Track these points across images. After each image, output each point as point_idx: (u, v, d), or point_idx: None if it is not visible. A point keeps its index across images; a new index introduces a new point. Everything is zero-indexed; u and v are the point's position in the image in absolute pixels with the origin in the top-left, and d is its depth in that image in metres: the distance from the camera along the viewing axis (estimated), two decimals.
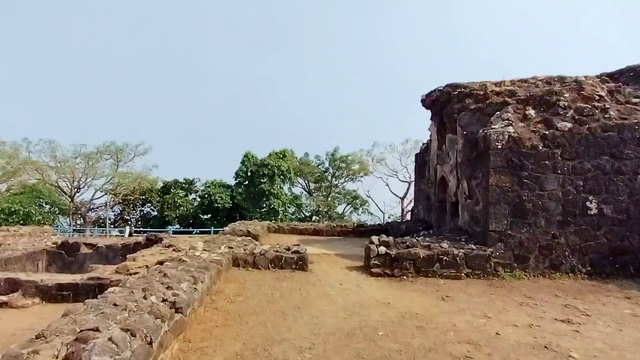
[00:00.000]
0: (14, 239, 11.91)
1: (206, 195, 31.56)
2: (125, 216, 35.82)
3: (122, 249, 11.87)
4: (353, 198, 39.29)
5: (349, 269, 8.25)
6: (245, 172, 31.40)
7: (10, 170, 32.60)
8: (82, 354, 2.83)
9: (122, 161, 35.60)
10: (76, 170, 33.18)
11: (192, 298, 4.60)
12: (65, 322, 3.49)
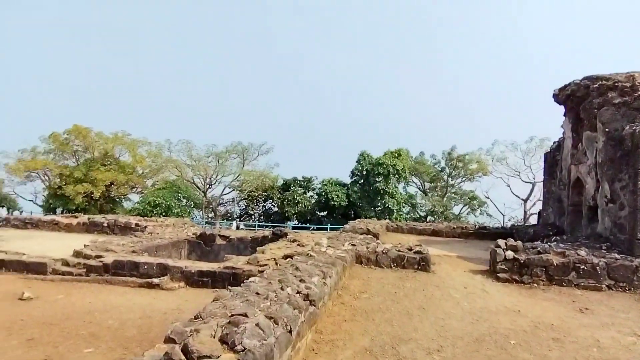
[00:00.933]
0: (162, 229, 13.83)
1: (323, 193, 32.79)
2: (250, 211, 39.04)
3: (251, 242, 13.00)
4: (470, 199, 37.67)
5: (473, 273, 8.09)
6: (360, 171, 31.96)
7: (155, 168, 37.98)
8: (235, 336, 3.17)
9: (248, 160, 38.90)
10: (208, 168, 37.23)
11: (323, 292, 4.83)
12: (217, 306, 3.94)
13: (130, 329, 5.98)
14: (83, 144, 35.62)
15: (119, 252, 9.79)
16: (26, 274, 8.64)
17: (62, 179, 33.75)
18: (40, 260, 8.86)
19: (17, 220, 14.42)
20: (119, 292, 7.91)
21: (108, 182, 33.66)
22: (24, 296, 7.06)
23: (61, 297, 7.38)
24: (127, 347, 5.33)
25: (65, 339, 5.52)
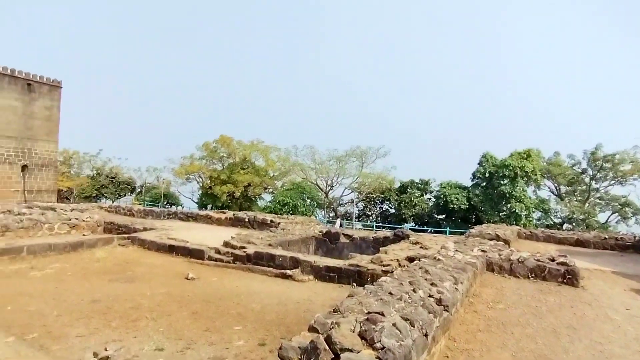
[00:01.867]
0: (292, 226, 14.56)
1: (441, 196, 31.28)
2: (367, 212, 39.14)
3: (373, 242, 12.95)
4: (622, 205, 31.48)
5: (636, 292, 6.72)
6: (483, 173, 29.54)
7: (284, 171, 40.46)
8: (373, 334, 3.12)
9: (366, 163, 39.08)
10: (330, 170, 38.38)
11: (455, 298, 4.52)
12: (353, 302, 3.94)
13: (269, 313, 6.35)
14: (227, 151, 39.79)
15: (258, 244, 10.54)
16: (189, 258, 9.84)
17: (211, 181, 38.06)
18: (199, 248, 10.01)
19: (182, 214, 16.59)
20: (259, 280, 8.49)
21: (246, 183, 36.93)
22: (189, 276, 8.03)
23: (215, 279, 8.21)
24: (268, 330, 5.66)
25: (220, 315, 6.10)
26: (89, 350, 4.59)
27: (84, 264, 9.17)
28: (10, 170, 28.69)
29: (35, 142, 30.07)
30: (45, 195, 30.30)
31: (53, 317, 5.72)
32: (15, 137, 28.80)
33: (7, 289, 7.00)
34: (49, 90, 30.76)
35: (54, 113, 31.11)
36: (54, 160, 31.81)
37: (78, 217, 12.84)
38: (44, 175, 30.82)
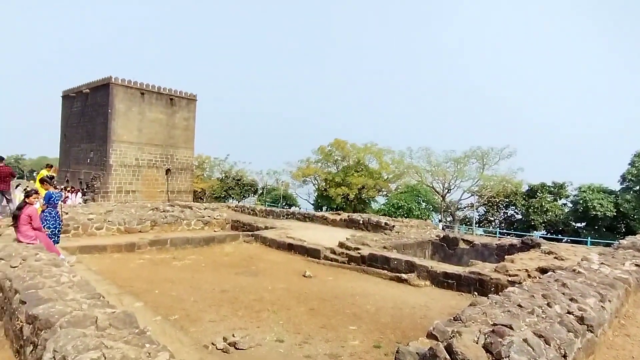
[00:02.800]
0: (407, 229, 14.26)
1: (580, 201, 27.53)
2: (489, 217, 36.40)
3: (496, 249, 11.99)
4: None
5: None
6: (636, 175, 25.19)
7: (398, 173, 39.91)
8: (500, 348, 2.87)
9: (488, 164, 36.40)
10: (447, 173, 36.67)
11: (602, 317, 3.92)
12: (476, 312, 3.69)
13: (384, 316, 6.30)
14: (341, 154, 40.84)
15: (372, 246, 10.56)
16: (306, 257, 10.33)
17: (326, 183, 39.46)
18: (315, 247, 10.44)
19: (299, 215, 17.56)
20: (373, 282, 8.49)
21: (360, 185, 37.38)
22: (306, 274, 8.43)
23: (331, 279, 8.46)
24: (383, 332, 5.62)
25: (335, 313, 6.26)
26: (219, 335, 5.11)
27: (215, 257, 10.26)
28: (157, 174, 33.59)
29: (176, 149, 34.72)
30: (183, 195, 34.78)
31: (190, 302, 6.52)
32: (160, 145, 33.64)
33: (156, 275, 8.20)
34: (187, 104, 35.29)
35: (190, 123, 35.57)
36: (190, 165, 36.35)
37: (210, 215, 14.44)
38: (183, 177, 35.39)
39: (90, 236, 11.46)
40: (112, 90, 30.61)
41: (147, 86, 32.48)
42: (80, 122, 34.38)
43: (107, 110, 30.65)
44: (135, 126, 31.98)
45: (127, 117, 31.44)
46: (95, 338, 2.90)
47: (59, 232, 8.47)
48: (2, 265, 5.58)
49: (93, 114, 32.68)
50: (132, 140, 31.84)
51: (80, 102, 34.40)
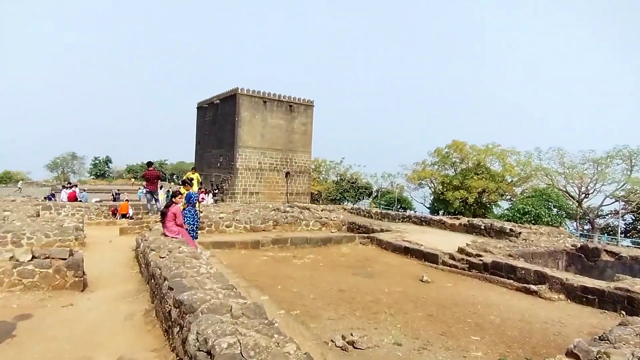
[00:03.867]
0: (536, 237, 12.86)
1: None
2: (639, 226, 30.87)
3: None
4: None
5: None
6: None
7: (524, 176, 36.27)
8: None
9: (637, 165, 31.02)
10: (584, 175, 32.18)
11: None
12: (628, 333, 3.17)
13: (510, 328, 5.77)
14: (460, 156, 38.70)
15: (496, 253, 9.76)
16: (423, 261, 9.99)
17: (443, 186, 37.79)
18: (433, 252, 10.03)
19: (415, 218, 17.11)
20: (497, 291, 7.84)
21: (480, 189, 34.94)
22: (423, 279, 8.15)
23: (450, 285, 8.04)
24: (509, 346, 5.14)
25: (455, 321, 5.92)
26: (338, 333, 5.21)
27: (332, 257, 10.54)
28: (277, 177, 35.92)
29: (294, 153, 36.73)
30: (301, 197, 36.59)
31: (310, 299, 6.78)
32: (281, 149, 35.91)
33: (278, 272, 8.74)
34: (305, 109, 37.09)
35: (308, 128, 37.30)
36: (308, 168, 38.08)
37: (327, 216, 14.92)
38: (301, 180, 37.25)
39: (221, 233, 12.74)
40: (239, 99, 33.73)
41: (268, 94, 35.04)
42: (212, 130, 38.59)
43: (235, 119, 33.85)
44: (259, 132, 34.71)
45: (251, 124, 34.30)
46: (231, 325, 3.18)
47: (197, 228, 9.57)
48: (153, 256, 6.50)
49: (222, 122, 36.43)
50: (256, 145, 34.61)
51: (212, 112, 38.63)
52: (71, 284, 6.48)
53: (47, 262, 6.36)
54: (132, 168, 65.50)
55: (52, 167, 65.26)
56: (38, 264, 6.31)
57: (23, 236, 9.47)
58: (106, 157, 68.19)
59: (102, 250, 10.33)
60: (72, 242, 9.85)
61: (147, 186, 15.27)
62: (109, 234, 12.97)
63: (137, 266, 8.64)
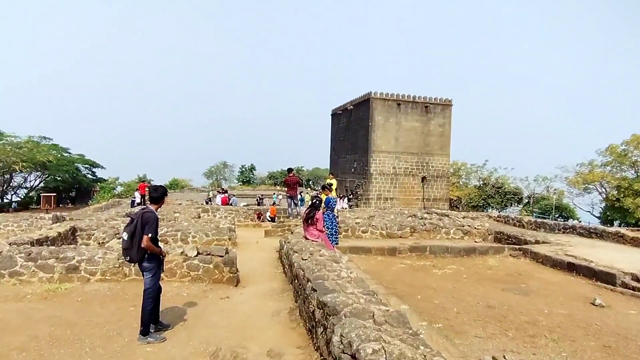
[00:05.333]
0: None
1: None
2: None
3: None
4: None
5: None
6: None
7: None
8: None
9: None
10: None
11: None
12: None
13: None
14: None
15: None
16: (594, 281, 8.62)
17: (619, 192, 32.19)
18: (608, 271, 8.56)
19: (581, 229, 14.87)
20: None
21: None
22: (596, 302, 7.02)
23: (633, 312, 6.76)
24: None
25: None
26: (488, 353, 4.84)
27: (477, 269, 9.87)
28: (412, 181, 35.24)
29: (431, 156, 35.59)
30: (439, 203, 35.20)
31: (453, 313, 6.46)
32: (416, 153, 35.17)
33: (417, 281, 8.54)
34: (442, 109, 35.70)
35: (446, 129, 35.80)
36: (446, 172, 36.49)
37: (470, 224, 14.05)
38: (438, 185, 35.87)
39: (357, 238, 13.03)
40: (372, 104, 34.17)
41: (402, 96, 34.72)
42: (346, 136, 39.85)
43: (368, 123, 34.39)
44: (393, 136, 34.61)
45: (385, 128, 34.39)
46: (374, 331, 3.22)
47: (336, 232, 9.96)
48: (296, 257, 6.99)
49: (356, 128, 37.32)
50: (390, 149, 34.56)
51: (346, 117, 39.91)
52: (227, 279, 7.39)
53: (208, 258, 7.37)
54: (273, 174, 71.61)
55: (208, 174, 75.34)
56: (201, 260, 7.37)
57: (189, 234, 11.17)
58: (251, 165, 75.94)
59: (250, 250, 11.54)
60: (226, 241, 11.23)
61: (287, 191, 16.53)
62: (256, 235, 14.43)
63: (281, 266, 9.41)
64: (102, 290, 6.80)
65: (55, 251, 7.35)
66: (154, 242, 4.79)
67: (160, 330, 5.05)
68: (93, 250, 7.52)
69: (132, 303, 6.10)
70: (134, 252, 4.74)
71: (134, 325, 5.13)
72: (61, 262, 7.15)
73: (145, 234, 4.68)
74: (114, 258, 7.31)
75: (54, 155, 38.79)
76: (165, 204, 5.19)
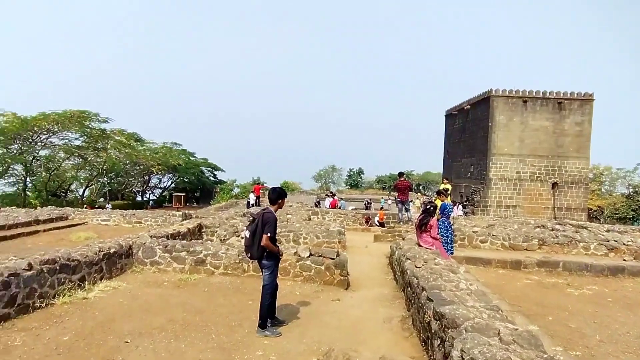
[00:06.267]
0: None
1: None
2: None
3: None
4: None
5: None
6: None
7: None
8: None
9: None
10: None
11: None
12: None
13: None
14: None
15: None
16: None
17: None
18: None
19: None
20: None
21: None
22: None
23: None
24: None
25: None
26: None
27: (626, 293, 8.61)
28: (540, 188, 32.12)
29: (564, 159, 32.04)
30: (574, 213, 31.51)
31: (595, 340, 5.73)
32: (545, 155, 31.99)
33: (546, 300, 7.76)
34: (580, 106, 31.92)
35: (584, 128, 31.92)
36: (583, 178, 32.50)
37: (617, 239, 12.30)
38: (573, 192, 32.13)
39: (474, 248, 12.29)
40: (492, 102, 31.98)
41: (529, 93, 31.90)
42: (462, 138, 37.90)
43: (487, 124, 32.26)
44: (517, 137, 31.99)
45: (508, 128, 31.93)
46: (501, 350, 3.01)
47: (452, 241, 9.55)
48: (409, 264, 6.86)
49: (473, 129, 35.28)
50: (513, 152, 32.00)
51: (461, 118, 37.96)
52: (338, 282, 7.57)
53: (320, 260, 7.64)
54: (381, 178, 71.35)
55: (317, 178, 78.11)
56: (313, 261, 7.66)
57: (300, 235, 11.69)
58: (359, 169, 76.68)
59: (359, 254, 11.65)
60: (335, 244, 11.50)
61: (398, 196, 16.34)
62: (364, 240, 14.52)
63: (391, 272, 9.33)
64: (225, 283, 7.48)
65: (186, 245, 8.29)
66: (272, 241, 5.12)
67: (276, 325, 5.37)
68: (217, 246, 8.32)
69: (250, 297, 6.59)
70: (255, 249, 5.12)
71: (252, 318, 5.54)
72: (191, 255, 8.06)
73: (264, 233, 5.02)
74: (234, 254, 7.99)
75: (183, 159, 43.91)
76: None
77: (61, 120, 30.83)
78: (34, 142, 31.76)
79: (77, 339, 4.82)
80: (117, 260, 7.71)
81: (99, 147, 34.62)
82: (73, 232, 13.40)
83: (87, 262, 6.85)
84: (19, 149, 31.00)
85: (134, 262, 8.20)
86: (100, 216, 17.30)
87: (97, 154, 34.73)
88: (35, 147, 32.05)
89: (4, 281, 5.27)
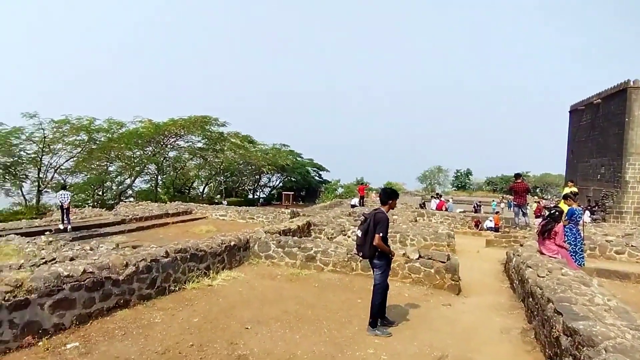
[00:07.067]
0: None
1: None
2: None
3: None
4: None
5: None
6: None
7: None
8: None
9: None
10: None
11: None
12: None
13: None
14: None
15: None
16: None
17: None
18: None
19: None
20: None
21: None
22: None
23: None
24: None
25: None
26: None
27: None
28: None
29: None
30: None
31: None
32: None
33: None
34: None
35: None
36: None
37: None
38: None
39: (607, 260, 10.91)
40: (630, 95, 27.99)
41: None
42: (590, 136, 33.78)
43: (624, 119, 28.34)
44: None
45: None
46: None
47: (582, 250, 8.59)
48: (530, 273, 6.32)
49: (604, 125, 31.24)
50: None
51: (590, 114, 33.83)
52: (448, 286, 7.28)
53: (429, 263, 7.42)
54: (492, 180, 66.92)
55: (422, 179, 75.95)
56: (423, 263, 7.47)
57: (407, 237, 11.49)
58: (467, 170, 72.78)
59: (470, 259, 11.05)
60: (444, 247, 11.08)
61: (515, 199, 15.16)
62: (475, 244, 13.74)
63: (507, 280, 8.69)
64: (333, 280, 7.65)
65: (298, 241, 8.66)
66: (384, 241, 5.10)
67: (386, 326, 5.34)
68: (326, 244, 8.55)
69: (359, 295, 6.64)
70: (366, 248, 5.15)
71: (361, 316, 5.58)
72: (302, 251, 8.39)
73: (376, 233, 5.03)
74: (343, 252, 8.13)
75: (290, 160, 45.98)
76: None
77: (186, 125, 34.29)
78: (164, 144, 35.80)
79: (205, 321, 5.32)
80: (236, 253, 8.34)
81: (217, 149, 37.84)
82: (196, 225, 14.85)
83: (212, 252, 7.53)
84: (152, 150, 35.17)
85: (250, 255, 8.79)
86: (218, 212, 18.91)
87: (215, 154, 38.02)
88: (165, 149, 36.10)
89: (147, 266, 6.03)
